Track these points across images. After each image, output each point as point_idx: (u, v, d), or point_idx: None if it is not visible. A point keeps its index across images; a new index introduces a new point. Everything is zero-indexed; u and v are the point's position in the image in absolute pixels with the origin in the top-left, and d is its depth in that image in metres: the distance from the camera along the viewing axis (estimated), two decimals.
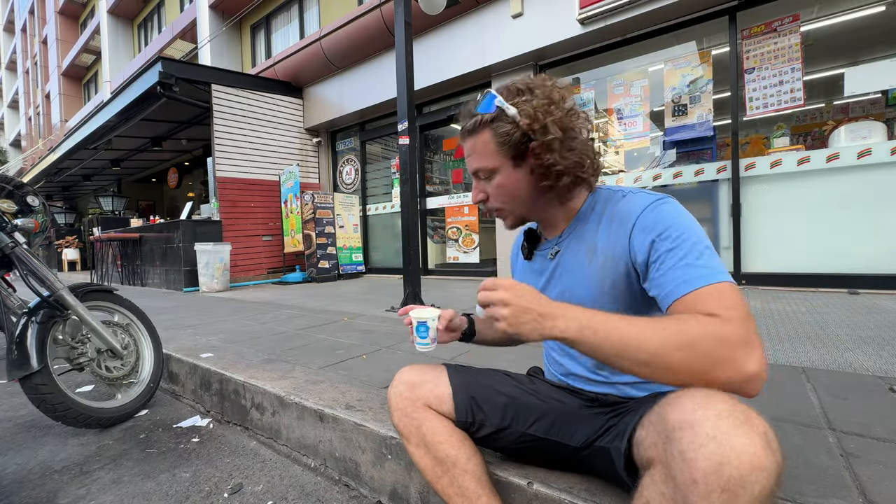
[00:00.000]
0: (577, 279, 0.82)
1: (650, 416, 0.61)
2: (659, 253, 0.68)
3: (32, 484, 1.29)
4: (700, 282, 0.62)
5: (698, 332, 0.56)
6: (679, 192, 4.01)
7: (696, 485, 0.46)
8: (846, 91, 3.47)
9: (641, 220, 0.73)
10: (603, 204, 0.81)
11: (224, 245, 5.43)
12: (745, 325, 0.56)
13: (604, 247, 0.78)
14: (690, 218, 0.71)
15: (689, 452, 0.48)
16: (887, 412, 1.18)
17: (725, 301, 0.59)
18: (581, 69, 4.73)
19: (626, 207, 0.76)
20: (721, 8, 3.77)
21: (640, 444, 0.62)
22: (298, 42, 6.84)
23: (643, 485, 0.57)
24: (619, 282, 0.76)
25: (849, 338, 1.97)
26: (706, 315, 0.58)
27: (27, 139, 24.40)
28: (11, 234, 1.58)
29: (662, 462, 0.53)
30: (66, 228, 12.29)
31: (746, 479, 0.44)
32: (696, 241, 0.66)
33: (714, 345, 0.54)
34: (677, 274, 0.64)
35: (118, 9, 14.62)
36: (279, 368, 1.78)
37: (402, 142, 3.17)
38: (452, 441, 0.84)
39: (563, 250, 0.85)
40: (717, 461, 0.45)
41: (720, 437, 0.46)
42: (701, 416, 0.49)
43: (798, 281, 3.48)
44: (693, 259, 0.64)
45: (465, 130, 0.81)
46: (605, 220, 0.79)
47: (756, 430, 0.47)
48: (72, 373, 1.68)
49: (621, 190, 0.82)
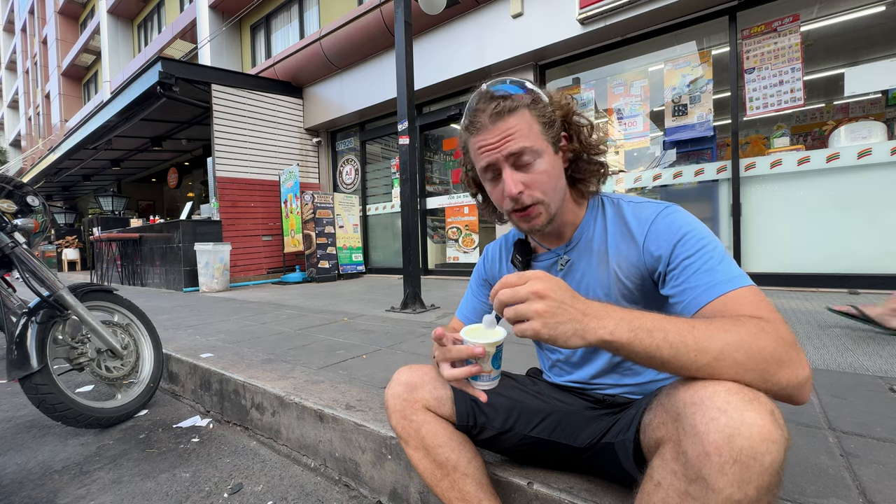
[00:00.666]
0: (592, 289, 0.80)
1: (657, 398, 0.61)
2: (679, 260, 0.67)
3: (32, 484, 1.29)
4: (728, 285, 0.60)
5: (756, 333, 0.53)
6: (679, 192, 4.02)
7: (709, 457, 0.47)
8: (846, 91, 3.47)
9: (655, 227, 0.72)
10: (607, 210, 0.80)
11: (224, 245, 5.43)
12: (788, 329, 0.55)
13: (615, 254, 0.77)
14: (702, 224, 0.70)
15: (701, 426, 0.48)
16: (887, 412, 1.18)
17: (762, 304, 0.58)
18: (581, 69, 4.73)
19: (637, 215, 0.76)
20: (721, 8, 3.77)
21: (647, 427, 0.62)
22: (298, 42, 6.84)
23: (653, 466, 0.56)
24: (635, 289, 0.75)
25: (848, 338, 1.97)
26: (754, 317, 0.56)
27: (27, 139, 24.40)
28: (11, 234, 1.58)
29: (673, 440, 0.53)
30: (66, 228, 12.30)
31: (757, 450, 0.45)
32: (714, 246, 0.65)
33: (773, 345, 0.52)
34: (702, 279, 0.63)
35: (118, 9, 14.62)
36: (279, 368, 1.78)
37: (402, 142, 3.17)
38: (453, 444, 0.82)
39: (576, 259, 0.82)
40: (728, 433, 0.46)
41: (731, 410, 0.47)
42: (711, 391, 0.50)
43: (798, 281, 3.48)
44: (715, 264, 0.63)
45: (501, 110, 0.71)
46: (614, 227, 0.78)
47: (764, 407, 0.48)
48: (72, 373, 1.68)
49: (622, 197, 0.81)
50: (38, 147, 19.49)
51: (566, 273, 0.83)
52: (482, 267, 1.01)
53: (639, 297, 0.76)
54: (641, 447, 0.65)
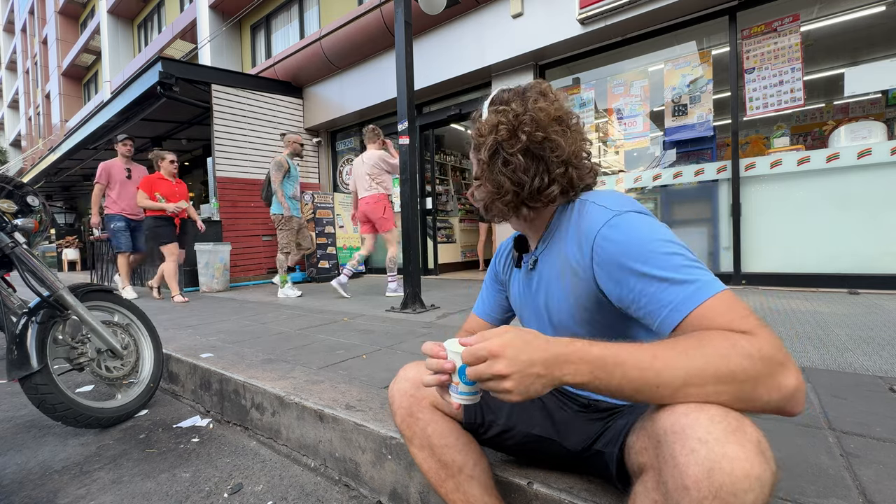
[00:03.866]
0: (554, 295, 0.78)
1: (642, 420, 0.60)
2: (632, 280, 0.60)
3: (32, 484, 1.29)
4: (696, 299, 0.55)
5: (725, 353, 0.49)
6: (679, 192, 4.01)
7: (688, 491, 0.45)
8: (846, 91, 3.47)
9: (599, 240, 0.65)
10: (574, 213, 0.75)
11: (224, 245, 5.43)
12: (771, 336, 0.50)
13: (574, 264, 0.71)
14: (654, 227, 0.63)
15: (681, 457, 0.46)
16: (887, 412, 1.18)
17: (736, 312, 0.53)
18: (581, 69, 4.73)
19: (585, 224, 0.70)
20: (721, 8, 3.77)
21: (631, 450, 0.61)
22: (298, 42, 6.85)
23: (636, 492, 0.56)
24: (591, 303, 0.71)
25: (849, 338, 1.97)
26: (727, 331, 0.51)
27: (27, 139, 24.40)
28: (11, 234, 1.58)
29: (654, 468, 0.52)
30: (66, 228, 12.29)
31: (738, 487, 0.43)
32: (669, 253, 0.59)
33: (746, 363, 0.48)
34: (666, 296, 0.57)
35: (118, 9, 14.63)
36: (279, 368, 1.78)
37: (402, 142, 3.17)
38: (459, 445, 0.82)
39: (541, 263, 0.81)
40: (707, 467, 0.44)
41: (712, 442, 0.45)
42: (693, 420, 0.47)
43: (798, 281, 3.48)
44: (678, 275, 0.57)
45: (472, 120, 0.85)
46: (572, 232, 0.73)
47: (749, 438, 0.45)
48: (72, 373, 1.68)
49: (588, 197, 0.75)
50: (38, 147, 19.49)
51: (535, 274, 0.83)
52: (495, 262, 1.02)
53: (598, 309, 0.71)
54: (626, 465, 0.64)
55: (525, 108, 0.74)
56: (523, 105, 0.75)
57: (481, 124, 0.79)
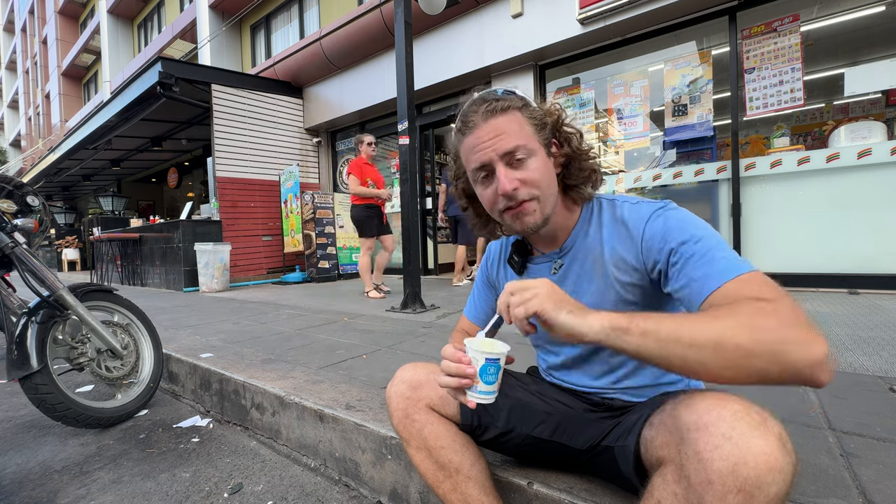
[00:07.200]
0: (588, 292, 0.78)
1: (660, 415, 0.60)
2: (678, 254, 0.65)
3: (32, 484, 1.29)
4: (730, 273, 0.58)
5: (754, 314, 0.50)
6: (679, 192, 4.01)
7: (712, 485, 0.46)
8: (846, 91, 3.47)
9: (651, 225, 0.71)
10: (604, 213, 0.79)
11: (224, 245, 5.43)
12: (797, 307, 0.51)
13: (612, 256, 0.76)
14: (700, 219, 0.69)
15: (705, 453, 0.48)
16: (887, 412, 1.18)
17: (765, 286, 0.55)
18: (581, 69, 4.73)
19: (632, 215, 0.75)
20: (721, 8, 3.77)
21: (649, 444, 0.61)
22: (298, 42, 6.85)
23: (654, 485, 0.56)
24: (634, 291, 0.74)
25: (849, 338, 1.97)
26: (754, 299, 0.53)
27: (27, 139, 24.40)
28: (11, 234, 1.58)
29: (675, 462, 0.53)
30: (66, 228, 12.28)
31: (763, 480, 0.44)
32: (714, 238, 0.64)
33: (775, 324, 0.49)
34: (703, 270, 0.61)
35: (118, 9, 14.62)
36: (279, 368, 1.78)
37: (402, 142, 3.17)
38: (456, 446, 0.82)
39: (569, 263, 0.81)
40: (733, 462, 0.45)
41: (736, 437, 0.46)
42: (716, 416, 0.49)
43: (798, 281, 3.48)
44: (715, 254, 0.61)
45: (493, 110, 0.72)
46: (609, 228, 0.77)
47: (771, 432, 0.47)
48: (72, 373, 1.68)
49: (617, 198, 0.80)
50: (38, 147, 19.50)
51: (561, 277, 0.82)
52: (485, 266, 1.00)
53: (638, 299, 0.75)
54: (641, 458, 0.64)
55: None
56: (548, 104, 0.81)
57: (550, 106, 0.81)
